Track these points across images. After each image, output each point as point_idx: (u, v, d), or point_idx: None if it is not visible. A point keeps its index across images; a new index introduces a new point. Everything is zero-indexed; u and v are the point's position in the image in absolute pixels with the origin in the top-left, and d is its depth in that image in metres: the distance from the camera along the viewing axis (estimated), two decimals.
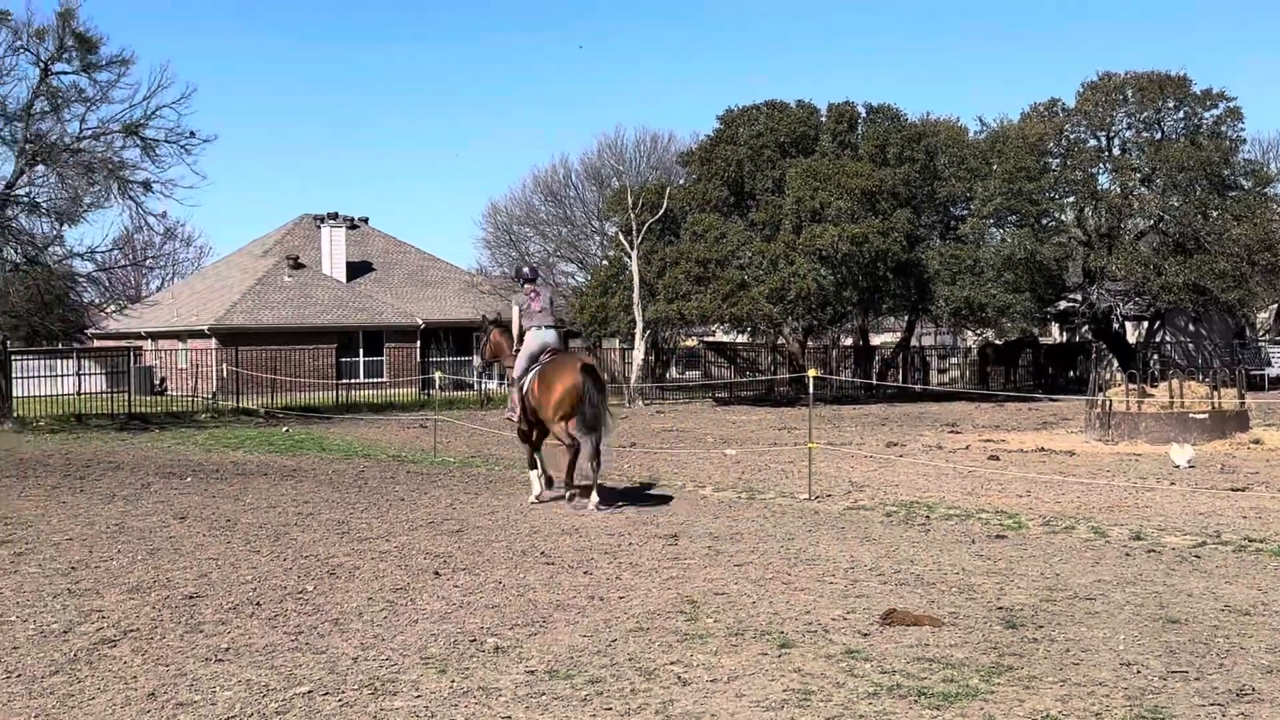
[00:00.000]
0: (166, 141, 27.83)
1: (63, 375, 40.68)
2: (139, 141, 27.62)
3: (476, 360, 16.02)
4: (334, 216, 51.16)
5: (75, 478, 17.17)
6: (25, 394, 32.19)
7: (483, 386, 35.83)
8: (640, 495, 15.06)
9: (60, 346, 43.33)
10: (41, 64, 26.54)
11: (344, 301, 47.41)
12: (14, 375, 29.61)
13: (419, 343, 47.30)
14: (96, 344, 48.27)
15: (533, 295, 14.09)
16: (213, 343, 42.35)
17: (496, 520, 12.74)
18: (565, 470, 13.70)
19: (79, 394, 38.30)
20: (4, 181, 26.82)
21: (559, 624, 7.86)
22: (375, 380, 44.68)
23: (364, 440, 24.69)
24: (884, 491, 15.35)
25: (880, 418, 30.54)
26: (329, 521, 12.65)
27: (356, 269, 50.59)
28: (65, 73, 27.06)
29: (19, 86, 26.88)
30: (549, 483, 14.51)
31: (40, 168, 27.09)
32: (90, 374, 42.95)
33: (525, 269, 15.29)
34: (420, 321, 47.28)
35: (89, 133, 27.39)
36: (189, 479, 17.03)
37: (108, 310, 32.73)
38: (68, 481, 16.65)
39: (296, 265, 48.49)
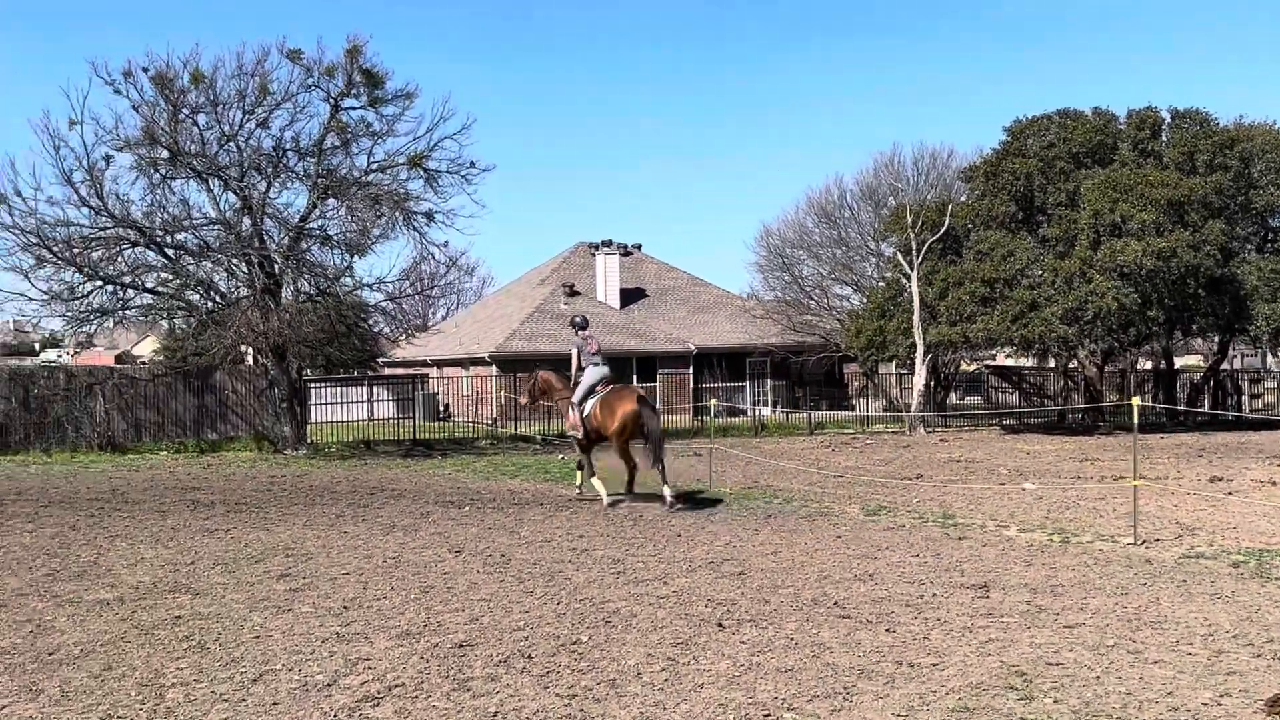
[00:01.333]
0: (448, 172, 28.37)
1: (355, 402, 42.41)
2: (422, 173, 28.24)
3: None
4: (608, 244, 51.56)
5: (359, 505, 17.24)
6: (321, 420, 33.51)
7: (757, 413, 34.91)
8: (934, 534, 13.73)
9: (353, 374, 45.24)
10: (332, 100, 27.55)
11: (617, 328, 47.59)
12: (310, 402, 30.78)
13: (691, 368, 46.93)
14: (386, 372, 50.23)
15: (588, 340, 17.56)
16: (493, 370, 43.22)
17: (780, 562, 11.74)
18: (627, 483, 17.45)
19: (370, 420, 39.77)
20: (298, 215, 27.91)
21: (865, 696, 6.78)
22: None
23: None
24: (1221, 536, 13.46)
25: (1194, 448, 27.79)
26: (604, 559, 11.97)
27: (630, 295, 50.78)
28: (353, 108, 28.00)
29: (311, 123, 27.99)
30: (592, 473, 17.57)
31: (331, 201, 28.07)
32: (381, 401, 44.64)
33: (578, 319, 18.12)
34: (693, 347, 46.91)
35: (376, 166, 28.21)
36: (467, 508, 16.81)
37: (396, 339, 33.63)
38: (351, 510, 16.71)
39: (572, 293, 49.06)
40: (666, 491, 16.60)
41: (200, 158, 26.81)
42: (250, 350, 30.42)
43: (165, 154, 26.72)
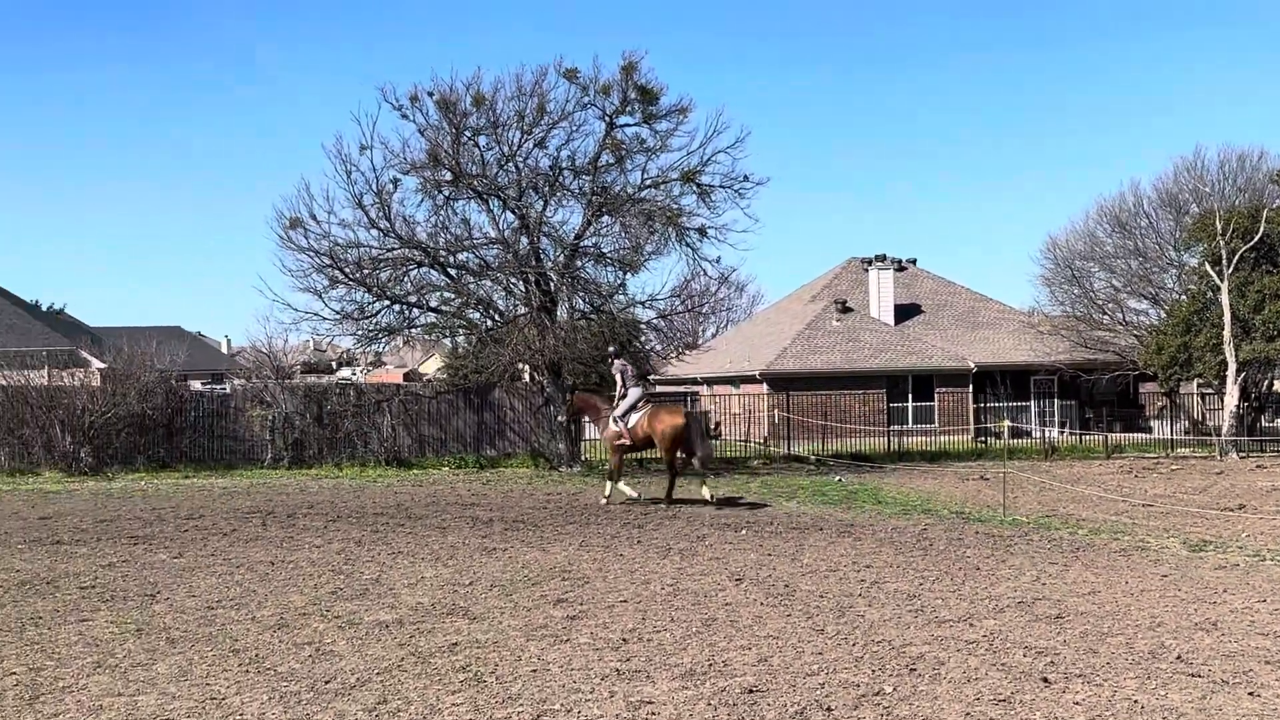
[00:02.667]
0: (721, 187, 27.87)
1: None
2: (695, 188, 27.85)
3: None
4: (881, 258, 50.05)
5: (633, 526, 16.82)
6: (592, 438, 33.59)
7: (1046, 434, 32.80)
8: (1278, 575, 12.06)
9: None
10: (607, 118, 27.55)
11: (892, 345, 46.03)
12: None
13: (971, 387, 44.83)
14: (657, 389, 50.30)
15: (626, 364, 20.80)
16: (764, 388, 42.50)
17: (1101, 604, 10.46)
18: (667, 490, 20.02)
19: None
20: (573, 233, 28.04)
21: None
22: (925, 426, 42.77)
23: (921, 493, 22.88)
24: None
25: None
26: (897, 594, 11.00)
27: (905, 311, 49.08)
28: (628, 125, 27.90)
29: (586, 141, 28.05)
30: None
31: (605, 218, 28.07)
32: None
33: (612, 348, 22.35)
34: (972, 364, 44.81)
35: (649, 182, 28.01)
36: (744, 531, 16.11)
37: (667, 356, 33.39)
38: (626, 531, 16.29)
39: (844, 309, 47.82)
40: (706, 492, 19.62)
41: (481, 178, 27.30)
42: (526, 368, 30.82)
43: (448, 175, 27.35)
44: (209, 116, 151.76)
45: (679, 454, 19.93)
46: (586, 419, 22.43)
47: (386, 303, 27.83)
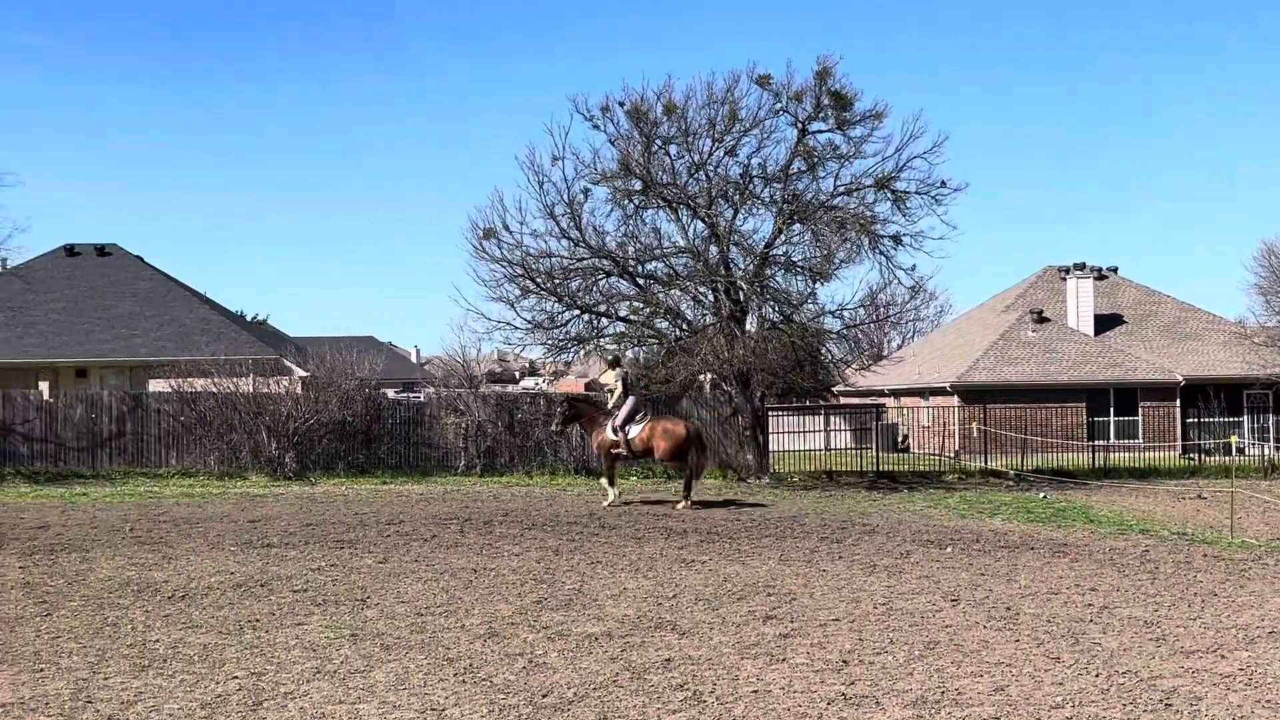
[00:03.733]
0: (917, 193, 27.08)
1: (811, 431, 41.85)
2: (890, 195, 27.14)
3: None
4: (1080, 267, 48.13)
5: (832, 541, 16.31)
6: (779, 449, 33.10)
7: (1265, 451, 30.86)
8: None
9: (808, 403, 44.79)
10: (799, 124, 27.06)
11: (1092, 357, 44.15)
12: (770, 430, 30.40)
13: (1178, 401, 42.62)
14: (842, 401, 49.45)
15: (625, 373, 21.53)
16: (954, 400, 41.29)
17: None
18: (684, 489, 20.95)
19: (827, 450, 39.08)
20: (763, 241, 27.66)
21: None
22: (1128, 442, 40.84)
23: (1135, 512, 21.70)
24: None
25: None
26: (1132, 620, 10.26)
27: (1105, 322, 47.02)
28: (821, 131, 27.38)
29: (778, 148, 27.63)
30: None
31: (796, 226, 27.58)
32: (837, 430, 43.87)
33: (609, 357, 22.84)
34: (1180, 377, 42.60)
35: (842, 189, 27.43)
36: (949, 549, 15.43)
37: (854, 367, 32.68)
38: (825, 545, 15.80)
39: (1040, 319, 46.11)
40: (685, 503, 20.57)
41: (671, 187, 27.17)
42: (707, 378, 30.54)
43: (638, 185, 27.31)
44: (401, 129, 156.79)
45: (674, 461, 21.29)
46: (580, 427, 22.76)
47: (576, 312, 27.93)
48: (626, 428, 20.73)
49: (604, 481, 21.56)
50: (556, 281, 27.38)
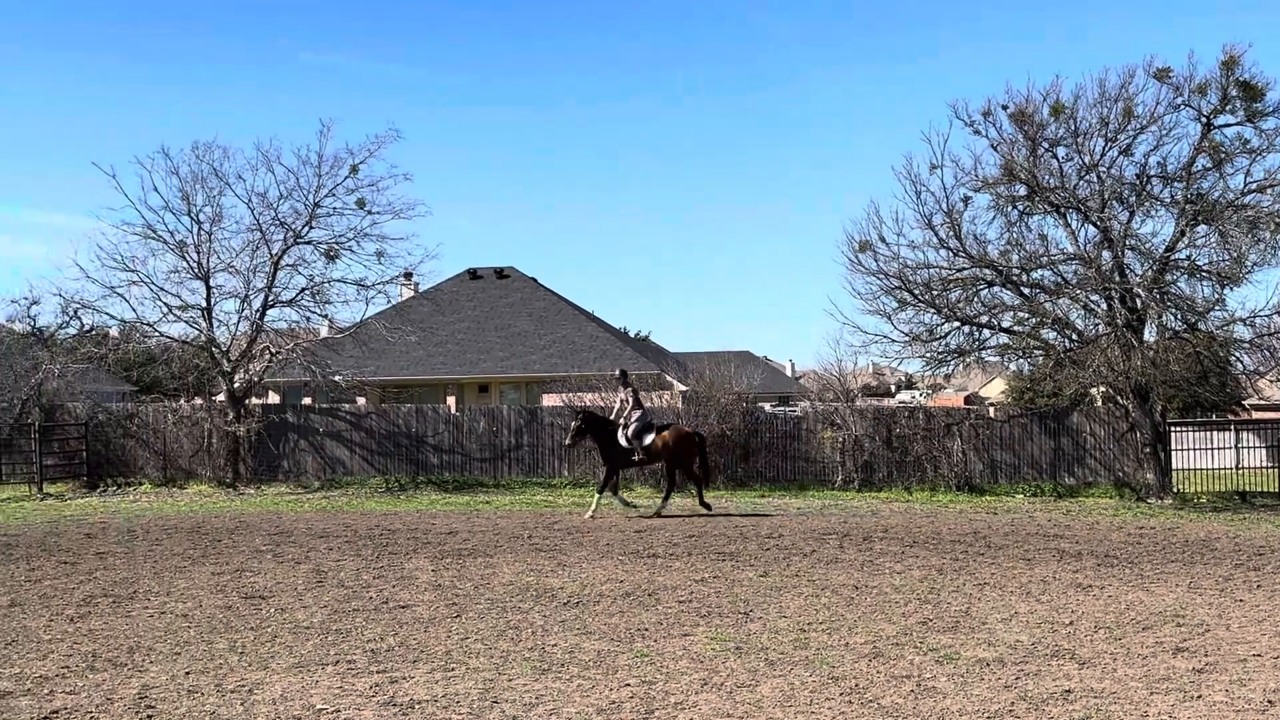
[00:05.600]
0: None
1: (1220, 449, 38.58)
2: None
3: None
4: None
5: (1248, 568, 14.89)
6: (1182, 467, 30.73)
7: None
8: None
9: (1215, 418, 41.34)
10: (1203, 118, 25.02)
11: None
12: (1172, 447, 28.28)
13: None
14: (1255, 415, 45.34)
15: (635, 388, 22.13)
16: None
17: None
18: (698, 496, 21.90)
19: (1238, 469, 35.86)
20: (1163, 245, 25.77)
21: None
22: None
23: None
24: None
25: None
26: None
27: None
28: (1228, 125, 25.19)
29: (1179, 145, 25.70)
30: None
31: (1201, 228, 25.52)
32: (1250, 447, 40.22)
33: (617, 371, 23.04)
34: None
35: (1254, 185, 25.09)
36: None
37: (1270, 379, 29.87)
38: (1240, 573, 14.44)
39: None
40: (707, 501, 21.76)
41: (1059, 191, 25.86)
42: (1100, 391, 28.79)
43: (1022, 190, 26.19)
44: (775, 145, 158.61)
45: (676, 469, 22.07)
46: (593, 440, 22.15)
47: (956, 324, 27.10)
48: (642, 437, 21.43)
49: (598, 494, 21.89)
50: (935, 293, 26.69)
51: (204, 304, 29.00)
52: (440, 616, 11.01)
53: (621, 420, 21.71)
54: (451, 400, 39.64)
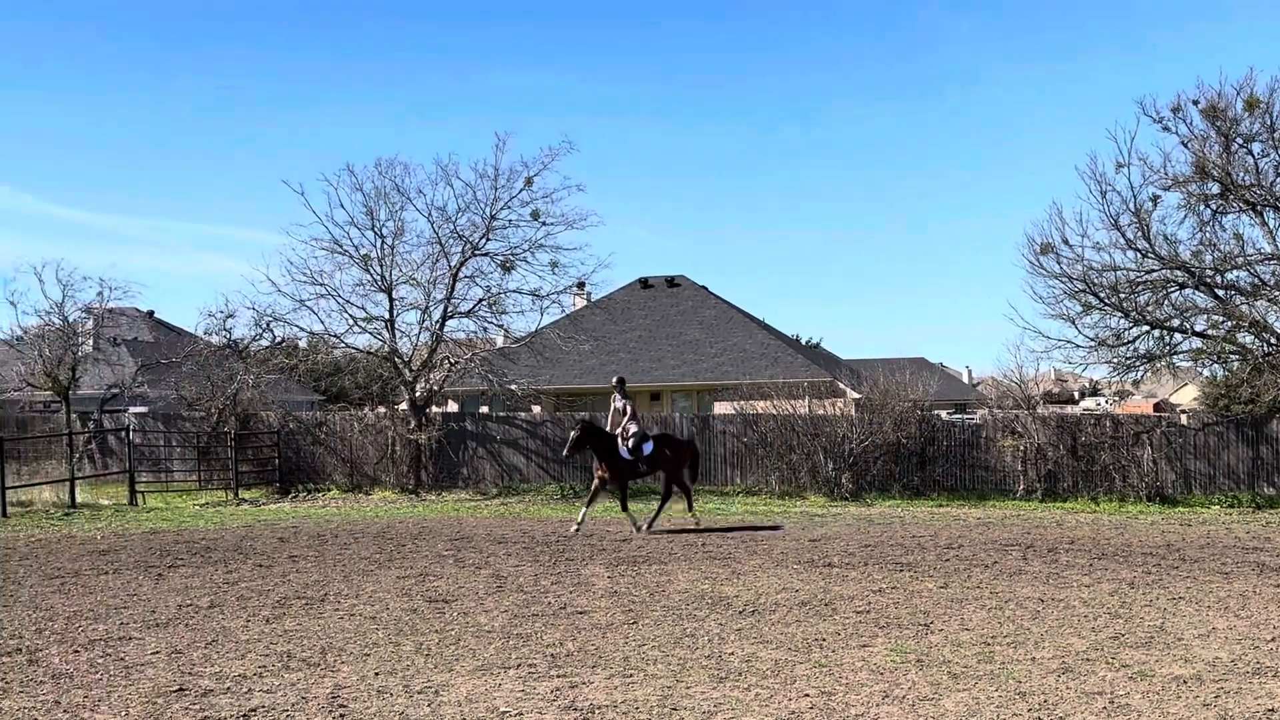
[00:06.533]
0: None
1: None
2: None
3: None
4: None
5: None
6: None
7: None
8: None
9: None
10: None
11: None
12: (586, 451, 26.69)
13: None
14: None
15: (631, 398, 21.39)
16: None
17: None
18: (686, 503, 21.55)
19: None
20: None
21: None
22: None
23: None
24: None
25: None
26: None
27: None
28: None
29: None
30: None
31: None
32: None
33: (615, 379, 21.87)
34: None
35: None
36: None
37: None
38: None
39: None
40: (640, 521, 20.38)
41: (1254, 189, 24.63)
42: None
43: (1215, 189, 25.04)
44: (950, 145, 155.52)
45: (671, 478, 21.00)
46: (591, 450, 20.83)
47: (1145, 328, 26.07)
48: (641, 448, 20.44)
49: (586, 508, 20.79)
50: (1122, 296, 25.73)
51: (387, 315, 29.97)
52: (617, 622, 11.11)
53: (619, 431, 20.60)
54: None
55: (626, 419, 20.65)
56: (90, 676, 8.97)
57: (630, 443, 20.37)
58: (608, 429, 21.06)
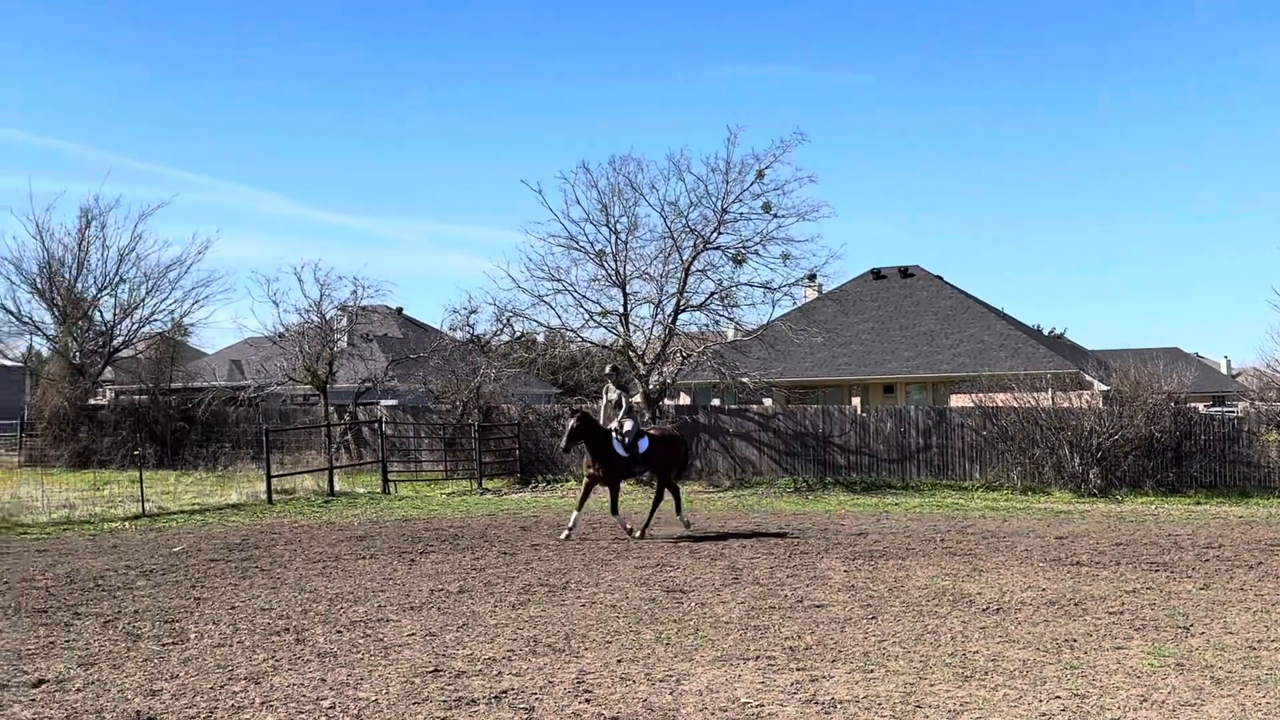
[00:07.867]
0: None
1: None
2: None
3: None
4: None
5: None
6: None
7: None
8: None
9: None
10: None
11: None
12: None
13: None
14: None
15: (626, 388, 20.66)
16: None
17: None
18: (675, 507, 19.47)
19: None
20: None
21: None
22: None
23: None
24: None
25: None
26: None
27: None
28: None
29: None
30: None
31: None
32: None
33: (609, 367, 19.88)
34: None
35: None
36: None
37: None
38: None
39: None
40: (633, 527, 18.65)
41: None
42: None
43: None
44: (1201, 129, 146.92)
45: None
46: (585, 445, 18.63)
47: None
48: (638, 444, 18.73)
49: (576, 512, 18.72)
50: None
51: (621, 310, 30.50)
52: (856, 617, 10.99)
53: (613, 426, 18.68)
54: (856, 401, 39.53)
55: (622, 413, 18.77)
56: (352, 656, 9.47)
57: (627, 439, 18.62)
58: (600, 423, 18.96)
